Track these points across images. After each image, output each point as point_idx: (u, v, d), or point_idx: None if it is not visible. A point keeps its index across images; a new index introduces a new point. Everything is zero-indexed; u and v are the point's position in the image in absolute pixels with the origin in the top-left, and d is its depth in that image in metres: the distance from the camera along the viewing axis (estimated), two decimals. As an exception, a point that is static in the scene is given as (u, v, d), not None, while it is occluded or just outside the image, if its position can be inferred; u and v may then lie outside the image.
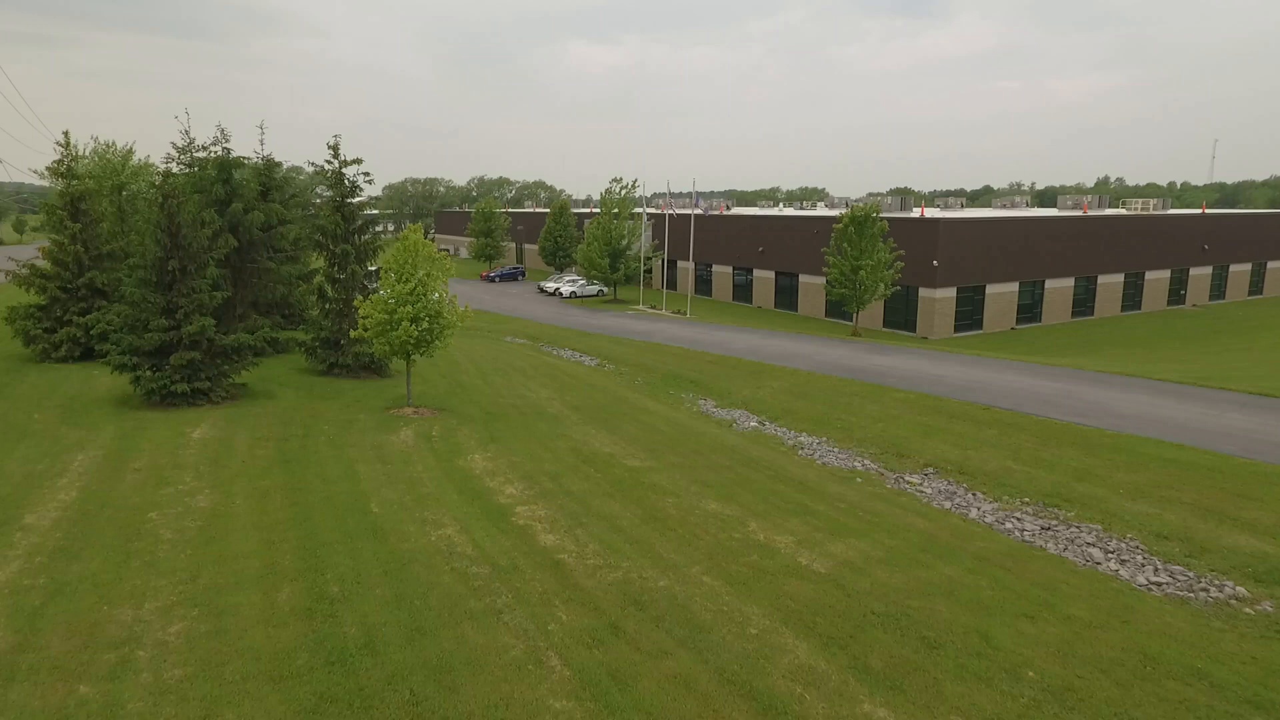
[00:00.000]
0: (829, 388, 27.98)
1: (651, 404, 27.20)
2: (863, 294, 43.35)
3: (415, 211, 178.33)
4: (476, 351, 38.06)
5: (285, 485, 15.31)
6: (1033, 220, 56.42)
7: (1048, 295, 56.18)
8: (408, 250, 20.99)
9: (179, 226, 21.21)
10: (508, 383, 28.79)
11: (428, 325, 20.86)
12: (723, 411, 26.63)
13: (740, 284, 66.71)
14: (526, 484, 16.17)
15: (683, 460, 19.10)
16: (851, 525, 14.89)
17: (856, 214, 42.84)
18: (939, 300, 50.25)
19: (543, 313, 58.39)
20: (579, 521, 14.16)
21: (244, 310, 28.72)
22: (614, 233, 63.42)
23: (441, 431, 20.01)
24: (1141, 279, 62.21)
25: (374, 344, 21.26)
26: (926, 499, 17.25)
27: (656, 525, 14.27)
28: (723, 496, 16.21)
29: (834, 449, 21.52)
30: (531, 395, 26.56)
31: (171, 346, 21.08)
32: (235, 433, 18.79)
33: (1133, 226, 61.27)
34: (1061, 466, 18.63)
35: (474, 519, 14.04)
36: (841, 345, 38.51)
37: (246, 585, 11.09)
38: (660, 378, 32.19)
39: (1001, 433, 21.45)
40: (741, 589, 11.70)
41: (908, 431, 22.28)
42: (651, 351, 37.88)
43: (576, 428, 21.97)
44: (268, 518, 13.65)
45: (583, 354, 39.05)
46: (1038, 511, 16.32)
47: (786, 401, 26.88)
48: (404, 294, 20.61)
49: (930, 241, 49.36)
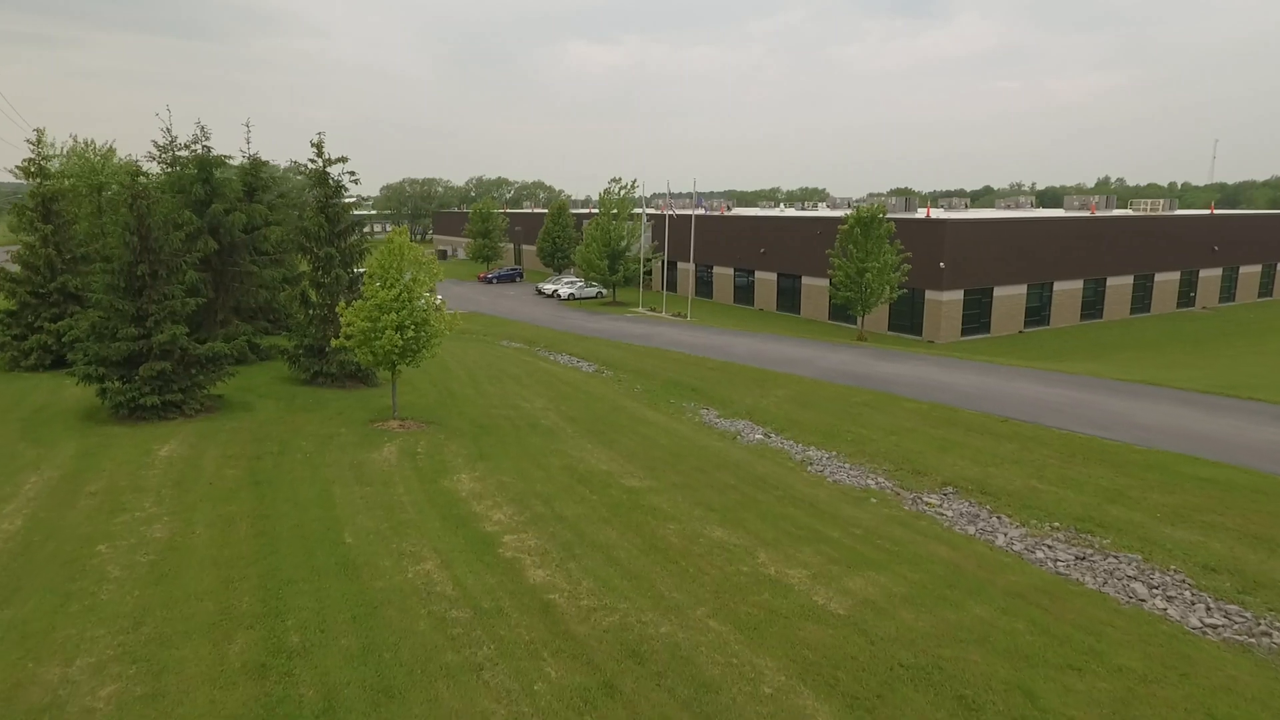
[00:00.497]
0: (836, 397, 26.74)
1: (651, 414, 25.96)
2: (868, 297, 42.13)
3: (413, 212, 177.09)
4: (470, 357, 36.81)
5: (253, 511, 14.06)
6: (1041, 221, 55.21)
7: (1056, 297, 54.98)
8: (392, 254, 19.74)
9: (149, 229, 19.96)
10: (501, 391, 27.55)
11: (414, 333, 19.60)
12: (726, 422, 25.39)
13: (741, 286, 65.49)
14: (516, 508, 14.93)
15: (684, 479, 17.86)
16: (870, 555, 13.65)
17: (862, 215, 41.62)
18: (945, 303, 49.03)
19: (540, 315, 57.16)
20: (572, 553, 12.92)
21: (225, 316, 27.49)
22: (613, 234, 62.18)
23: (427, 447, 18.76)
24: (1151, 281, 61.01)
25: (356, 353, 20.02)
26: (948, 523, 16.01)
27: (657, 556, 13.03)
28: (729, 521, 14.97)
29: (845, 465, 20.27)
30: (525, 405, 25.31)
31: (141, 356, 19.83)
32: (205, 450, 17.53)
33: (1141, 227, 60.08)
34: (1090, 486, 17.39)
35: (457, 550, 12.79)
36: (847, 350, 37.28)
37: (196, 634, 9.84)
38: (660, 385, 30.95)
39: (1022, 447, 20.22)
40: (752, 636, 10.47)
41: (922, 445, 21.04)
42: (651, 357, 36.65)
43: (572, 441, 20.73)
44: (229, 550, 12.40)
45: (580, 359, 37.82)
46: (1070, 538, 15.09)
47: (792, 411, 25.64)
48: (388, 300, 19.36)
49: (936, 243, 48.15)
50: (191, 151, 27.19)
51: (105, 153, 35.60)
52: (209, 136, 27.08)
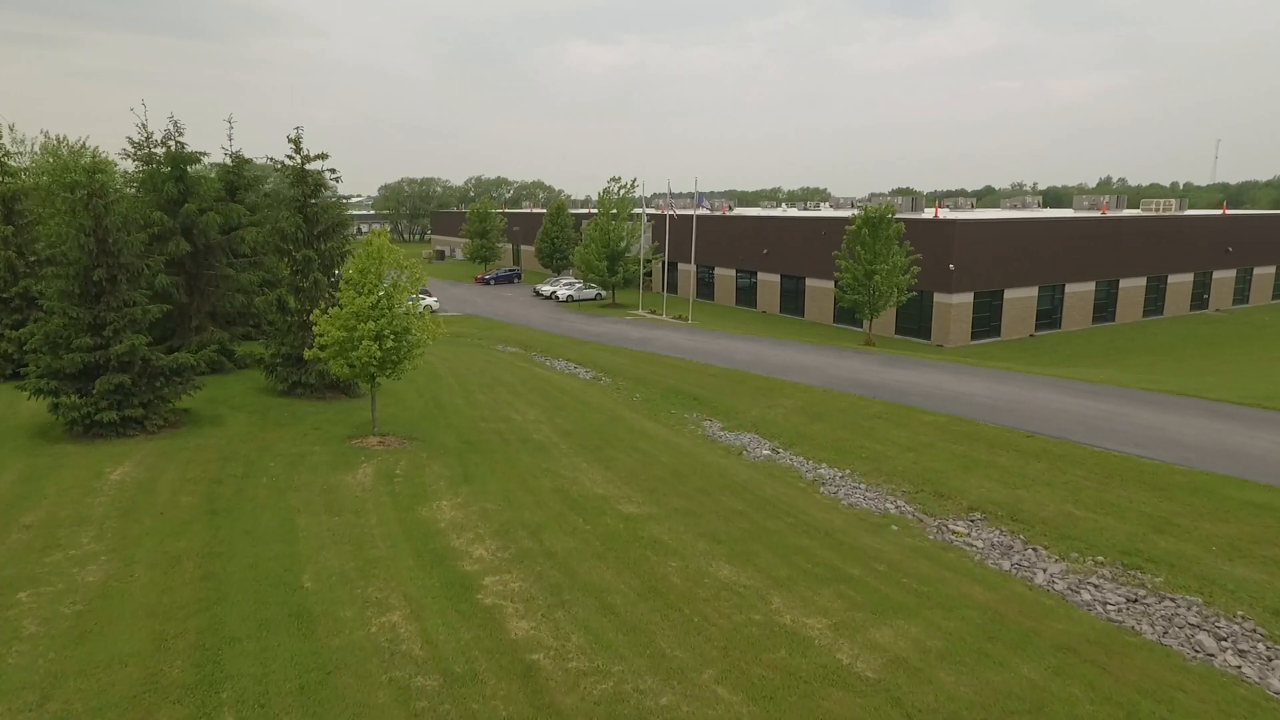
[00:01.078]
0: (847, 408, 25.20)
1: (651, 426, 24.44)
2: (877, 301, 40.58)
3: (412, 212, 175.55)
4: (462, 362, 35.29)
5: (203, 548, 12.53)
6: (1052, 221, 53.67)
7: (1068, 300, 53.45)
8: (370, 257, 18.21)
9: (106, 230, 18.43)
10: (492, 401, 26.02)
11: (394, 343, 18.07)
12: (730, 435, 23.87)
13: (744, 288, 63.97)
14: (500, 542, 13.40)
15: (688, 503, 16.33)
16: (896, 598, 12.13)
17: (870, 215, 40.08)
18: (955, 306, 47.50)
19: (537, 318, 55.66)
20: (560, 598, 11.39)
21: (201, 322, 25.95)
22: (612, 234, 60.66)
23: (407, 468, 17.23)
24: (1164, 283, 59.48)
25: (331, 365, 18.48)
26: (979, 556, 14.48)
27: (657, 602, 11.50)
28: (737, 556, 13.44)
29: (860, 485, 18.74)
30: (517, 417, 23.78)
31: (98, 368, 18.30)
32: (163, 472, 16.01)
33: (1154, 228, 58.51)
34: (1133, 513, 15.85)
35: (430, 596, 11.26)
36: (855, 356, 35.74)
37: (110, 712, 8.32)
38: (660, 394, 29.43)
39: (1052, 466, 18.68)
40: (768, 707, 8.94)
41: (944, 464, 19.50)
42: (651, 363, 35.13)
43: (565, 459, 19.20)
44: (170, 597, 10.88)
45: (577, 365, 36.32)
46: (1117, 575, 13.56)
47: (801, 424, 24.11)
48: (365, 308, 17.82)
49: (945, 244, 46.62)
50: (165, 148, 25.65)
51: (78, 149, 34.09)
52: (182, 132, 25.56)
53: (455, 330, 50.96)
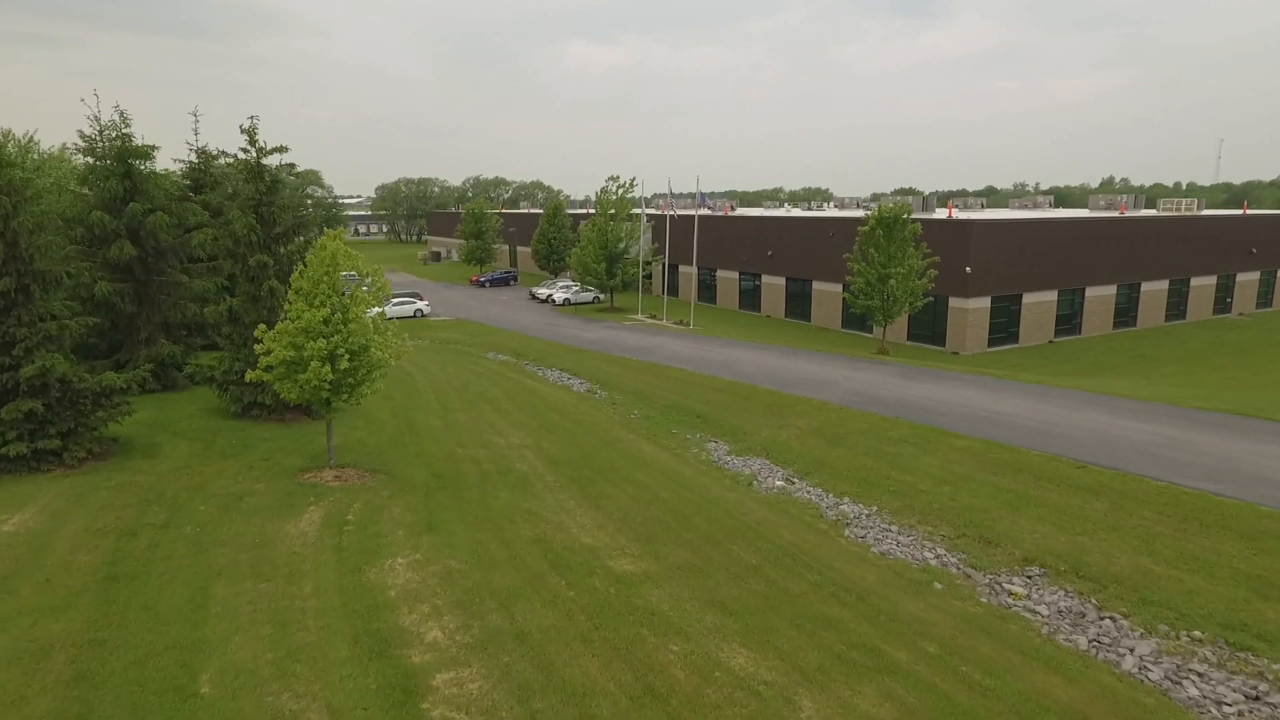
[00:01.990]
0: (868, 430, 22.63)
1: (649, 451, 21.89)
2: (891, 307, 38.00)
3: (409, 213, 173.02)
4: (447, 374, 32.76)
5: (85, 632, 9.98)
6: (1072, 222, 51.10)
7: (1088, 304, 50.89)
8: (322, 264, 15.66)
9: (16, 233, 15.89)
10: (474, 421, 23.47)
11: (348, 364, 15.51)
12: (738, 461, 21.31)
13: (747, 290, 61.43)
14: (461, 618, 10.84)
15: (692, 556, 13.78)
16: (960, 699, 9.56)
17: (884, 215, 37.49)
18: (971, 311, 44.95)
19: (532, 323, 53.12)
20: (530, 708, 8.84)
21: (151, 334, 23.41)
22: (610, 235, 58.09)
23: (363, 512, 14.67)
24: (1186, 285, 56.92)
25: (278, 387, 15.93)
26: (1047, 628, 11.92)
27: (656, 711, 8.94)
28: (754, 635, 10.88)
29: (892, 528, 16.18)
30: (500, 441, 21.23)
31: (5, 393, 15.77)
32: (67, 521, 13.46)
33: (1175, 229, 55.92)
34: (1224, 569, 13.29)
35: (360, 708, 8.70)
36: (871, 368, 33.16)
37: None
38: (660, 410, 26.88)
39: (1114, 506, 16.11)
40: None
41: (986, 501, 16.93)
42: (650, 374, 32.57)
43: (551, 496, 16.65)
44: (17, 713, 8.33)
45: (571, 376, 33.76)
46: (1223, 658, 10.99)
47: (817, 448, 21.55)
48: (316, 323, 15.27)
49: (962, 246, 44.06)
50: (110, 142, 23.12)
51: (25, 144, 31.55)
52: (129, 124, 23.02)
53: (444, 337, 48.44)
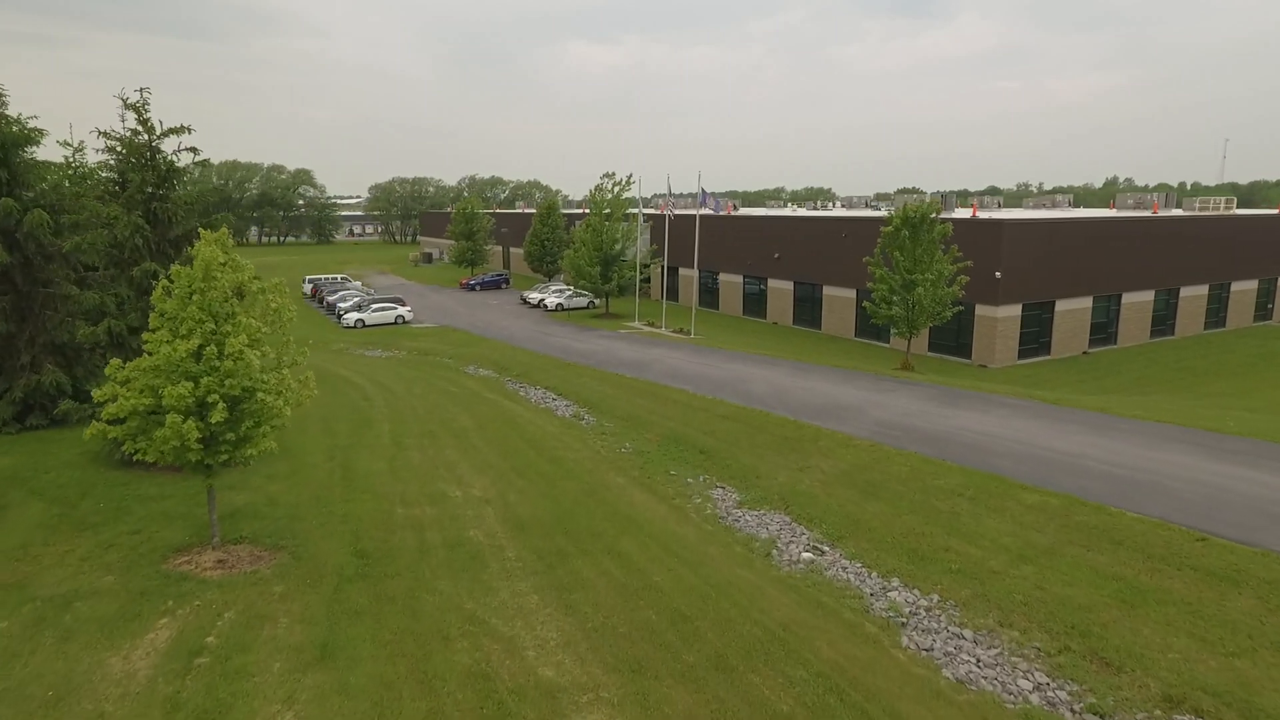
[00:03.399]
0: (910, 476, 18.45)
1: (641, 501, 17.74)
2: (918, 317, 33.80)
3: (403, 213, 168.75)
4: (414, 395, 28.60)
5: None
6: (1107, 222, 46.93)
7: (1124, 311, 46.68)
8: (190, 280, 11.50)
9: None
10: (429, 463, 19.32)
11: (224, 417, 11.31)
12: (751, 517, 17.16)
13: (752, 295, 57.26)
14: None
15: (695, 702, 9.59)
16: None
17: (910, 214, 33.30)
18: (1001, 320, 40.76)
19: (520, 331, 48.98)
20: None
21: (36, 355, 19.23)
22: (605, 236, 53.91)
23: (233, 629, 10.48)
24: (1226, 291, 52.72)
25: (128, 447, 11.74)
26: None
27: None
28: None
29: (964, 633, 12.01)
30: (455, 494, 17.07)
31: None
32: None
33: (1214, 229, 51.66)
34: None
35: None
36: (898, 389, 28.96)
37: None
38: (657, 444, 22.73)
39: (1264, 603, 11.93)
40: None
41: (1088, 592, 12.74)
42: (646, 396, 28.41)
43: (505, 588, 12.48)
44: None
45: (557, 397, 29.62)
46: None
47: (848, 501, 17.38)
48: (180, 359, 11.11)
49: (991, 248, 39.86)
50: None
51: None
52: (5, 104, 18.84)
53: (423, 347, 44.30)
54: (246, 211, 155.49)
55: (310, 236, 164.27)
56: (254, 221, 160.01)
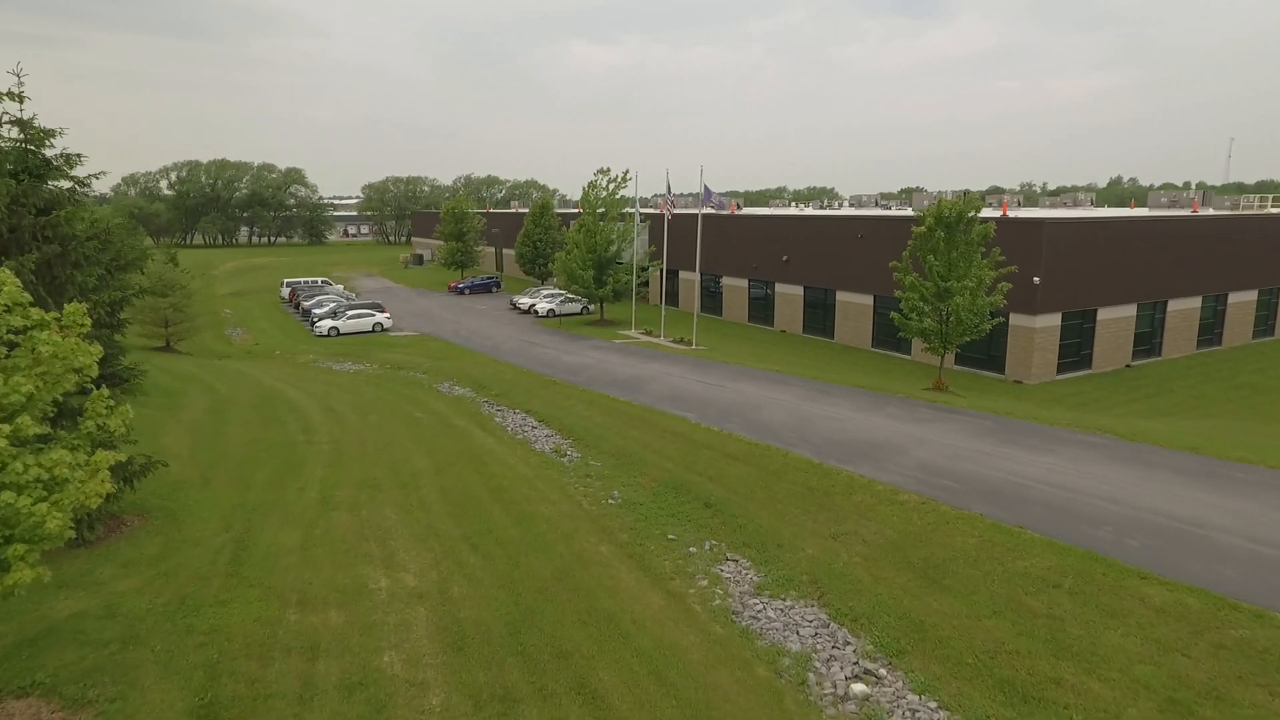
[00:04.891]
0: (981, 551, 14.13)
1: (630, 586, 13.45)
2: (954, 330, 29.48)
3: (397, 213, 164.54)
4: (366, 423, 24.31)
5: None
6: (1152, 222, 42.66)
7: (1169, 320, 42.39)
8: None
9: None
10: (356, 533, 15.02)
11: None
12: (774, 611, 12.87)
13: (758, 300, 52.99)
14: None
15: None
16: None
17: (945, 213, 28.99)
18: (1039, 331, 36.49)
19: (506, 341, 44.76)
20: None
21: None
22: (599, 237, 49.69)
23: None
24: (1275, 297, 48.45)
25: None
26: None
27: None
28: None
29: None
30: (380, 585, 12.76)
31: None
32: None
33: (1264, 229, 47.32)
34: None
35: None
36: (940, 418, 24.61)
37: None
38: (652, 491, 18.46)
39: None
40: None
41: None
42: (642, 424, 24.13)
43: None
44: None
45: (539, 424, 25.36)
46: None
47: (904, 592, 13.08)
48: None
49: (1028, 251, 35.55)
50: None
51: None
52: None
53: (397, 360, 39.99)
54: (236, 211, 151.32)
55: (302, 237, 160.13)
56: (244, 222, 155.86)
